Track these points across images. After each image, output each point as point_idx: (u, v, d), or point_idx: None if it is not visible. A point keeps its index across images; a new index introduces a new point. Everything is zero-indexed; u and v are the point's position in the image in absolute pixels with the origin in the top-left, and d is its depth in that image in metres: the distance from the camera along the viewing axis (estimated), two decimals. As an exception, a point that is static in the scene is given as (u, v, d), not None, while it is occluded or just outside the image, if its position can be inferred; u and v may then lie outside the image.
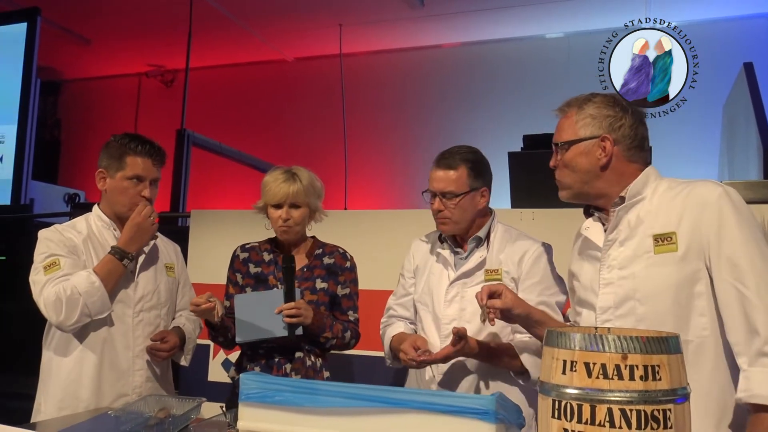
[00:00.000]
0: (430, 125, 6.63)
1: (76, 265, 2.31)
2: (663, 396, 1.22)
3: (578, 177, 1.85)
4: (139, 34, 7.37)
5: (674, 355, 1.26)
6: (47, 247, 2.33)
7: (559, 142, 1.88)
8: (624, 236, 1.79)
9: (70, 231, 2.41)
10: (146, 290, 2.44)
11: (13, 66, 5.90)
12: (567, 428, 1.24)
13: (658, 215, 1.76)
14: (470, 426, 1.40)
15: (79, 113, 8.68)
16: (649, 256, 1.73)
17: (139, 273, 2.44)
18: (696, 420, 1.36)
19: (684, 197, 1.74)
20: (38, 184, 5.95)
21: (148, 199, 2.42)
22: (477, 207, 2.24)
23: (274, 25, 6.99)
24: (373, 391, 1.50)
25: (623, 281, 1.77)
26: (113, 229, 2.45)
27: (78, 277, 2.24)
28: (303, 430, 1.51)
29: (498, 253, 2.24)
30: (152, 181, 2.44)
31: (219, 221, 3.75)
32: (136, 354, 2.38)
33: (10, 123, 5.83)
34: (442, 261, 2.30)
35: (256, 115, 7.86)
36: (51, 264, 2.28)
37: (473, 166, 2.22)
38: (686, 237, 1.69)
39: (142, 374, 2.39)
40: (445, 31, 6.98)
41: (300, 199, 2.43)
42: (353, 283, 2.54)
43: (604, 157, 1.81)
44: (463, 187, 2.19)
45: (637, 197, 1.80)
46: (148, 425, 1.87)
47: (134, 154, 2.41)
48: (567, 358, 1.27)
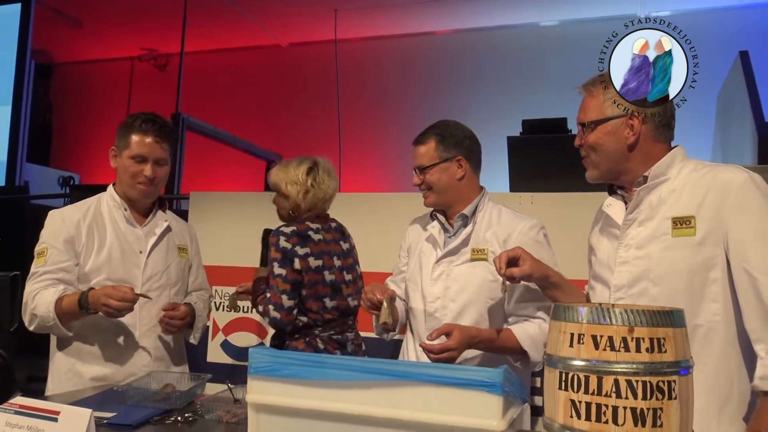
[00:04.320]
0: (424, 111, 6.59)
1: (63, 256, 2.30)
2: (668, 367, 1.24)
3: (605, 157, 1.82)
4: (132, 18, 7.31)
5: (679, 328, 1.29)
6: (45, 232, 2.36)
7: (585, 122, 1.84)
8: (644, 216, 1.78)
9: (77, 213, 2.40)
10: (155, 270, 2.43)
11: (7, 47, 5.84)
12: (574, 399, 1.27)
13: (680, 198, 1.73)
14: (477, 398, 1.42)
15: (72, 97, 8.62)
16: (666, 238, 1.72)
17: (149, 254, 2.42)
18: (700, 404, 1.38)
19: (708, 181, 1.71)
20: (33, 166, 5.92)
21: (150, 179, 2.37)
22: (453, 178, 2.24)
23: (268, 9, 6.96)
24: (380, 364, 1.51)
25: (639, 261, 1.76)
26: (123, 209, 2.43)
27: (42, 299, 2.24)
28: (312, 403, 1.53)
29: (484, 231, 2.22)
30: (156, 161, 2.39)
31: (218, 203, 3.76)
32: (142, 333, 2.37)
33: (4, 104, 5.78)
34: (431, 240, 2.31)
35: (251, 100, 7.83)
36: (40, 252, 2.32)
37: (441, 138, 2.25)
38: (706, 222, 1.67)
39: (149, 353, 2.38)
40: (440, 17, 6.98)
41: None
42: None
43: (632, 136, 1.78)
44: (433, 159, 2.23)
45: (660, 178, 1.77)
46: (155, 399, 1.89)
47: (138, 132, 2.37)
48: (574, 331, 1.30)
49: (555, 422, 1.31)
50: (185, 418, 1.77)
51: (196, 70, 7.39)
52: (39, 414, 1.41)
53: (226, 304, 3.50)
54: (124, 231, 2.41)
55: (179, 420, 1.76)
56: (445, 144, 2.24)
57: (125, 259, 2.38)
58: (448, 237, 2.29)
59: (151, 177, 2.37)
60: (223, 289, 3.55)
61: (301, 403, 1.54)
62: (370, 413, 1.48)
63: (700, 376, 1.63)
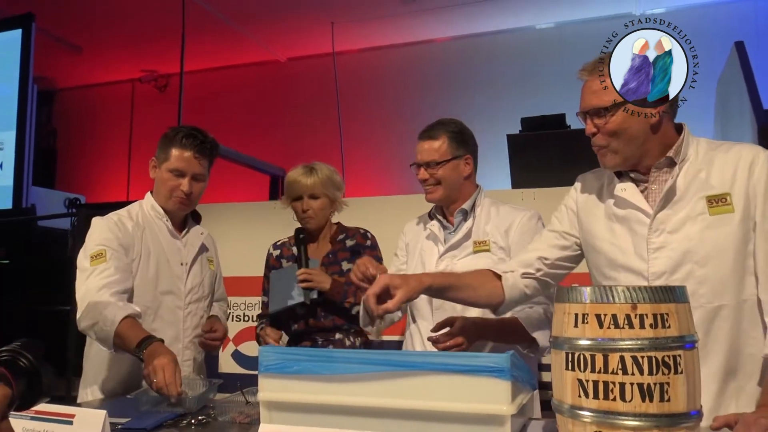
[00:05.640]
0: (424, 119, 6.55)
1: (121, 261, 2.24)
2: (673, 342, 1.25)
3: (630, 141, 1.73)
4: (131, 41, 7.38)
5: (681, 304, 1.30)
6: (99, 235, 2.28)
7: (601, 107, 1.73)
8: (674, 198, 1.73)
9: (126, 219, 2.37)
10: (194, 282, 2.45)
11: (9, 73, 5.90)
12: (581, 378, 1.28)
13: (708, 176, 1.71)
14: (485, 383, 1.43)
15: (75, 121, 8.69)
16: (705, 218, 1.69)
17: (191, 266, 2.44)
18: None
19: (732, 158, 1.70)
20: (39, 189, 5.96)
21: (187, 195, 2.36)
22: (462, 174, 2.30)
23: (266, 26, 7.01)
24: (387, 355, 1.53)
25: (678, 245, 1.70)
26: (165, 220, 2.42)
27: (109, 312, 2.09)
28: (322, 398, 1.55)
29: (484, 224, 2.29)
30: (194, 176, 2.37)
31: (224, 214, 3.79)
32: (186, 345, 2.39)
33: (8, 130, 5.84)
34: (432, 237, 2.35)
35: (252, 116, 7.88)
36: (98, 254, 2.23)
37: (454, 135, 2.30)
38: (741, 198, 1.67)
39: (190, 364, 2.39)
40: (436, 25, 7.01)
41: (318, 191, 2.61)
42: (377, 259, 2.59)
43: (657, 115, 1.70)
44: (445, 155, 2.28)
45: (687, 158, 1.74)
46: (168, 404, 1.91)
47: (179, 146, 2.35)
48: (579, 312, 1.31)
49: (564, 403, 1.32)
50: (198, 420, 1.79)
51: (196, 89, 7.45)
52: (54, 418, 1.43)
53: None
54: (168, 242, 2.41)
55: (193, 422, 1.77)
56: (457, 141, 2.30)
57: (170, 271, 2.39)
58: (448, 233, 2.35)
59: (188, 192, 2.37)
60: (231, 300, 3.56)
61: (313, 398, 1.55)
62: (381, 405, 1.50)
63: (753, 351, 1.67)
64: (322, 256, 2.62)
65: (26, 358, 1.03)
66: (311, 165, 2.66)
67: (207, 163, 2.42)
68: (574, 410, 1.29)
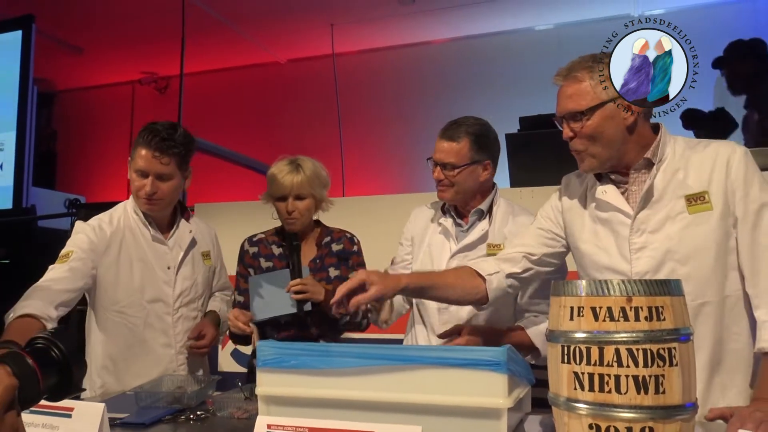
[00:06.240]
0: (424, 121, 6.62)
1: (82, 263, 2.22)
2: (668, 335, 1.26)
3: (607, 144, 1.75)
4: (132, 43, 7.39)
5: (677, 297, 1.31)
6: (74, 237, 2.28)
7: (578, 111, 1.75)
8: (653, 198, 1.75)
9: (107, 224, 2.33)
10: (185, 286, 2.41)
11: (9, 74, 5.91)
12: (577, 371, 1.29)
13: (686, 175, 1.73)
14: (482, 377, 1.45)
15: (75, 123, 8.70)
16: (684, 217, 1.71)
17: (177, 271, 2.40)
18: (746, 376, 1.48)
19: (710, 156, 1.72)
20: (39, 190, 5.96)
21: (149, 196, 2.26)
22: (478, 179, 2.22)
23: (266, 28, 7.02)
24: (384, 350, 1.54)
25: (659, 244, 1.73)
26: (147, 225, 2.38)
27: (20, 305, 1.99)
28: (320, 392, 1.56)
29: (501, 227, 2.24)
30: (158, 176, 2.26)
31: (224, 214, 3.80)
32: (178, 351, 2.38)
33: (8, 130, 5.85)
34: (443, 232, 2.30)
35: (252, 118, 7.89)
36: (65, 254, 2.24)
37: (477, 138, 2.20)
38: (720, 195, 1.69)
39: (184, 368, 2.39)
40: (435, 26, 7.02)
41: (304, 191, 2.40)
42: (361, 266, 2.53)
43: (631, 117, 1.72)
44: (464, 159, 2.18)
45: (664, 158, 1.76)
46: (167, 401, 1.92)
47: (141, 144, 2.27)
48: (574, 305, 1.32)
49: (560, 396, 1.33)
50: (197, 416, 1.80)
51: (196, 91, 7.45)
52: (53, 411, 1.44)
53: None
54: (151, 248, 2.36)
55: (191, 418, 1.78)
56: (479, 146, 2.20)
57: (156, 278, 2.35)
58: (461, 231, 2.29)
59: (151, 192, 2.26)
60: (230, 299, 3.57)
61: (310, 392, 1.57)
62: (378, 398, 1.51)
63: (737, 347, 1.69)
64: (308, 260, 2.48)
65: (59, 349, 0.98)
66: (296, 160, 2.46)
67: (173, 161, 2.27)
68: (570, 403, 1.30)
